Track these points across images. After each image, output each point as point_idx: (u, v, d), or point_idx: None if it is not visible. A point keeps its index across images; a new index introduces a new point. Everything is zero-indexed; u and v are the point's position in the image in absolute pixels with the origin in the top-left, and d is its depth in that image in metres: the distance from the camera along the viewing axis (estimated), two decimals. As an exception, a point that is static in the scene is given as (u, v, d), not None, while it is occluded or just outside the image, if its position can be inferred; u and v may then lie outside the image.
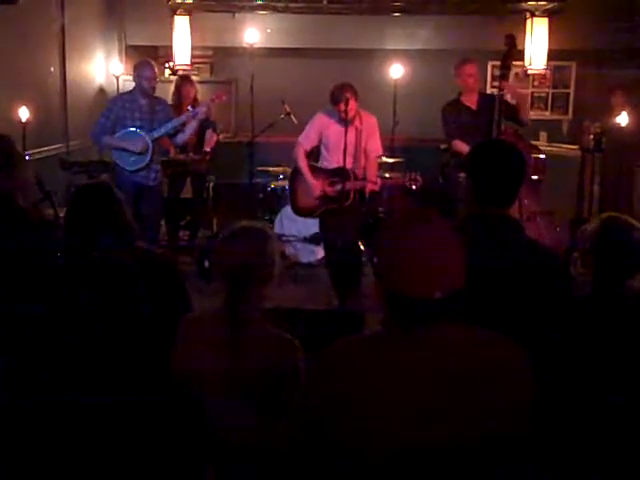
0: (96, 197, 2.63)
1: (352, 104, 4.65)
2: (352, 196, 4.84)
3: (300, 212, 5.21)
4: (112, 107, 5.28)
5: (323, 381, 1.58)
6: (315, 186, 4.93)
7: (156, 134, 5.26)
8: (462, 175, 5.44)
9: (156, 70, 5.38)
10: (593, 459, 2.09)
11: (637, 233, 2.25)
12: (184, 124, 5.46)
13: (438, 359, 1.50)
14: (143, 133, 5.20)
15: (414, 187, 4.84)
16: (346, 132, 4.68)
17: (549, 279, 2.19)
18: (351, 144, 4.77)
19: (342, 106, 4.65)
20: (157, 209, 5.43)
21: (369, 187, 4.87)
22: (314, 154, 5.12)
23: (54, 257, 2.60)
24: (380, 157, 5.30)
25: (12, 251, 2.59)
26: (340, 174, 4.84)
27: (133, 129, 5.20)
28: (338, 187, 4.84)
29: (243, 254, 2.18)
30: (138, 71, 5.29)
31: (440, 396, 1.47)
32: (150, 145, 5.21)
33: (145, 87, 5.23)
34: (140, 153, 5.19)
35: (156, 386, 2.15)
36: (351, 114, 4.68)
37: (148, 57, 7.29)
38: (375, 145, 4.95)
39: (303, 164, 4.98)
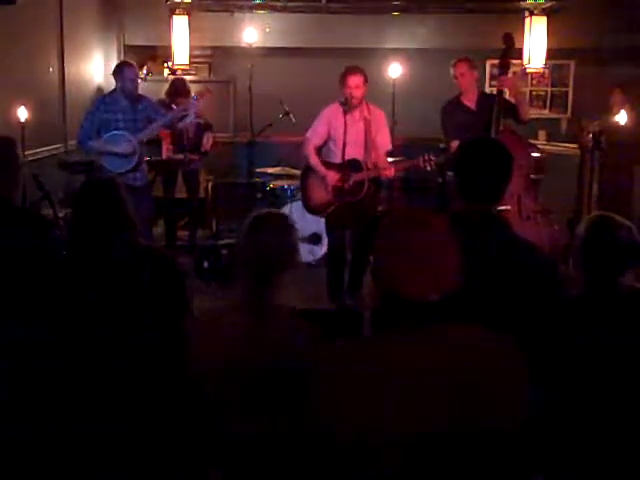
0: (104, 192, 2.61)
1: (359, 84, 4.63)
2: (367, 186, 4.77)
3: (314, 210, 5.05)
4: (95, 111, 5.26)
5: (323, 382, 1.58)
6: (330, 176, 4.81)
7: (141, 135, 5.24)
8: (450, 173, 5.43)
9: (137, 71, 5.40)
10: (587, 457, 2.09)
11: (626, 231, 2.25)
12: (170, 125, 5.52)
13: (436, 359, 1.50)
14: (129, 135, 5.17)
15: (429, 168, 4.78)
16: (355, 122, 4.66)
17: (535, 276, 2.17)
18: (361, 135, 4.73)
19: (349, 86, 4.63)
20: (148, 209, 5.34)
21: (383, 173, 4.80)
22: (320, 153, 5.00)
23: (58, 255, 2.60)
24: (389, 152, 5.19)
25: (16, 251, 2.60)
26: (351, 166, 4.77)
27: (119, 132, 5.16)
28: (352, 179, 4.76)
29: (270, 241, 2.18)
30: (120, 73, 5.27)
31: (439, 396, 1.47)
32: (137, 147, 5.19)
33: (128, 88, 5.21)
34: (127, 155, 5.17)
35: (161, 384, 2.15)
36: (358, 94, 4.65)
37: (146, 57, 7.28)
38: (385, 140, 4.91)
39: (314, 159, 4.89)
